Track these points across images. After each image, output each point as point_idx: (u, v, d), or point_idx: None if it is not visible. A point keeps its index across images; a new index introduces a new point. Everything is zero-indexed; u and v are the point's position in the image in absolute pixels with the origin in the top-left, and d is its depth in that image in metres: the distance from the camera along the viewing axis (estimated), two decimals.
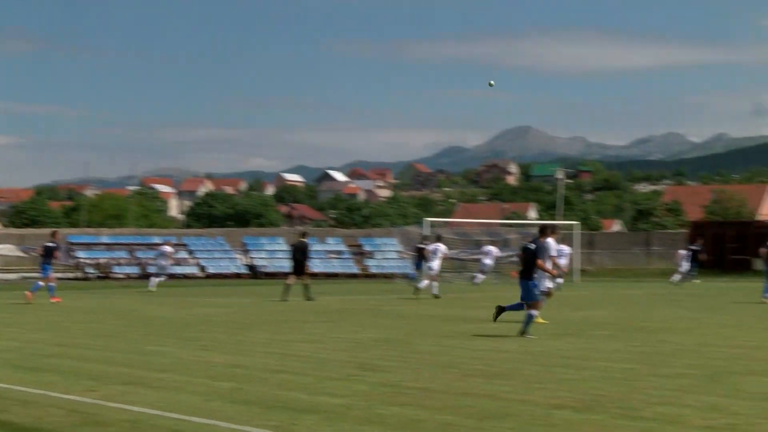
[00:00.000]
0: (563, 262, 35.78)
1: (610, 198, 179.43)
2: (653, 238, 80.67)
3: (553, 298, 22.78)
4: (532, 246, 17.85)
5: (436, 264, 33.09)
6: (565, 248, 33.17)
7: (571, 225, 57.12)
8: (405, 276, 50.02)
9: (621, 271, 61.11)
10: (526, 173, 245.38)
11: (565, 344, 15.72)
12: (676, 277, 44.92)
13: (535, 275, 17.85)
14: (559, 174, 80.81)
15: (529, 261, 17.67)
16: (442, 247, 33.95)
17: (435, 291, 31.66)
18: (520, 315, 17.83)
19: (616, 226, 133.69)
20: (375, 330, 18.60)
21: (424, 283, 32.46)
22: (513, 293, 19.35)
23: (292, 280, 30.09)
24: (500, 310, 19.03)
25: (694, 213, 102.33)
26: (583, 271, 53.07)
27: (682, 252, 46.95)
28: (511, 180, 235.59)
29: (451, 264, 53.09)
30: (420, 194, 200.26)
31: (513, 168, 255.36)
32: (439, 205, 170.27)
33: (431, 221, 55.03)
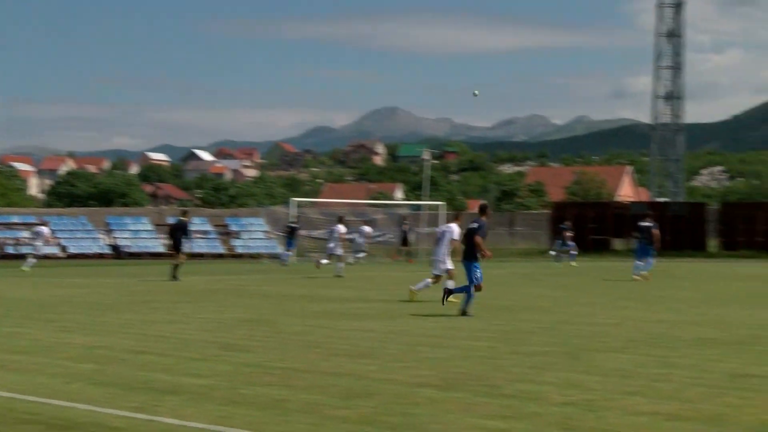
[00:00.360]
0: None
1: (476, 179, 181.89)
2: (517, 218, 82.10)
3: (420, 278, 22.94)
4: (475, 225, 17.90)
5: (335, 245, 33.64)
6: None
7: (437, 205, 57.68)
8: (272, 256, 49.86)
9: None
10: (393, 154, 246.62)
11: (429, 323, 15.88)
12: (554, 253, 46.61)
13: (478, 256, 17.91)
14: (426, 155, 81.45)
15: (471, 241, 17.79)
16: (341, 228, 34.35)
17: (339, 272, 32.11)
18: (399, 294, 17.94)
19: None
20: (240, 310, 18.47)
21: (324, 261, 33.11)
22: (383, 273, 19.54)
23: (180, 258, 30.21)
24: (447, 292, 18.81)
25: (556, 194, 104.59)
26: (404, 251, 53.61)
27: (568, 233, 48.32)
28: (378, 160, 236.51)
29: (318, 245, 53.07)
30: (287, 174, 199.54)
31: (380, 148, 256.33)
32: (306, 185, 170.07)
33: (298, 201, 54.94)
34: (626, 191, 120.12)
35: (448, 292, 18.63)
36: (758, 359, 11.30)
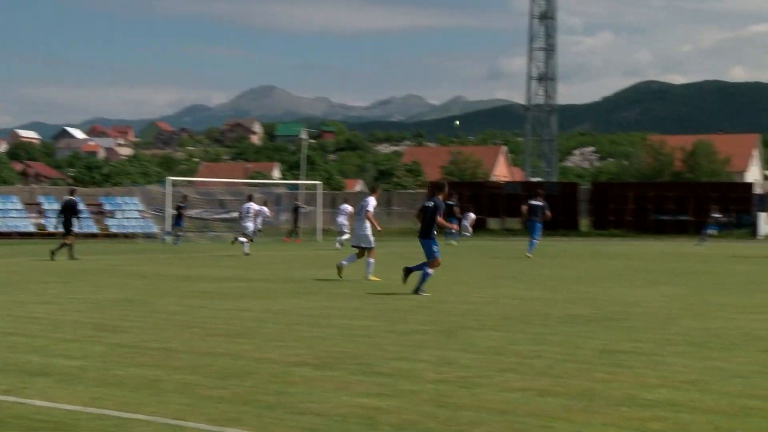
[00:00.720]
0: (341, 220, 38.08)
1: (353, 158, 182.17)
2: (394, 198, 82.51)
3: (296, 257, 22.94)
4: (430, 204, 18.06)
5: (250, 223, 34.10)
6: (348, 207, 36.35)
7: (315, 185, 57.63)
8: (147, 236, 49.17)
9: None
10: (270, 133, 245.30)
11: (307, 302, 15.88)
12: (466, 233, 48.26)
13: (435, 233, 18.05)
14: (303, 134, 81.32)
15: (428, 219, 17.93)
16: (253, 206, 34.95)
17: (246, 249, 32.52)
18: (277, 274, 17.87)
19: (359, 186, 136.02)
20: (114, 290, 18.18)
21: (242, 239, 33.64)
22: (264, 253, 19.30)
23: (70, 238, 29.94)
24: (407, 271, 18.58)
25: (432, 173, 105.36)
26: (326, 231, 53.66)
27: (470, 214, 49.61)
28: (255, 139, 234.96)
29: (194, 224, 52.55)
30: (162, 153, 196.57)
31: (257, 127, 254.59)
32: (182, 164, 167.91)
33: (174, 180, 54.22)
34: (501, 171, 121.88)
35: (408, 271, 18.49)
36: (626, 335, 11.61)
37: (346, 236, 42.19)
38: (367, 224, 21.33)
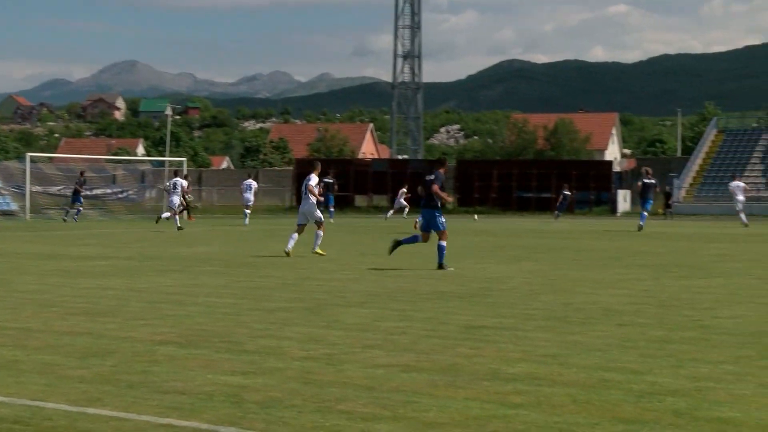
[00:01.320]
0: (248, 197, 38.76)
1: (219, 135, 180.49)
2: (261, 175, 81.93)
3: (161, 235, 22.64)
4: (432, 176, 18.87)
5: (176, 199, 36.02)
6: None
7: (180, 161, 56.90)
8: (5, 213, 47.82)
9: (229, 207, 61.72)
10: (133, 109, 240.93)
11: (171, 280, 15.69)
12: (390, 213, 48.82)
13: (438, 204, 19.09)
14: (168, 110, 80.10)
15: (429, 191, 18.80)
16: (181, 182, 36.82)
17: (178, 223, 34.53)
18: (139, 252, 17.58)
19: (225, 163, 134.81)
20: None
21: (166, 215, 35.88)
22: (126, 230, 18.99)
23: None
24: (396, 243, 19.09)
25: (299, 151, 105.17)
26: (192, 208, 53.03)
27: (402, 190, 50.48)
28: (119, 115, 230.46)
29: (54, 200, 51.37)
30: (21, 128, 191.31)
31: (120, 103, 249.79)
32: (41, 140, 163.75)
33: (33, 156, 52.84)
34: (368, 148, 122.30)
35: (397, 243, 19.17)
36: (489, 311, 11.81)
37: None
38: (313, 199, 22.03)
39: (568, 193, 54.66)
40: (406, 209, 50.82)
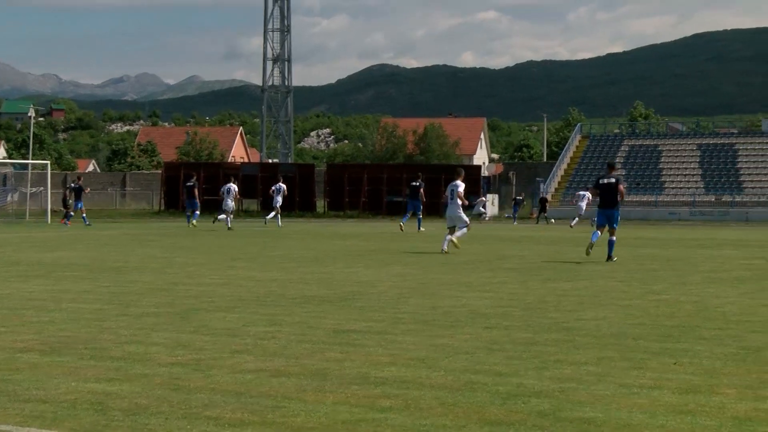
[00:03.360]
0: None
1: (85, 137, 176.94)
2: (129, 178, 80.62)
3: (25, 240, 22.07)
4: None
5: (230, 202, 41.69)
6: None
7: (44, 164, 55.58)
8: None
9: (96, 211, 60.49)
10: None
11: (34, 286, 15.31)
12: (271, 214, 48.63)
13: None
14: (31, 111, 78.12)
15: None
16: (234, 187, 41.66)
17: (229, 224, 39.24)
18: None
19: (91, 166, 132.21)
20: None
21: (222, 216, 40.27)
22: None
23: None
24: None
25: (168, 154, 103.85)
26: (55, 212, 51.87)
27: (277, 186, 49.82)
28: None
29: None
30: None
31: None
32: None
33: None
34: (238, 152, 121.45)
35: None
36: (359, 315, 11.85)
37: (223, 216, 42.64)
38: (459, 203, 25.41)
39: (521, 198, 55.21)
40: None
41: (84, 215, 45.13)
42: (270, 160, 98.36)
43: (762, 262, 22.42)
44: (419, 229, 38.85)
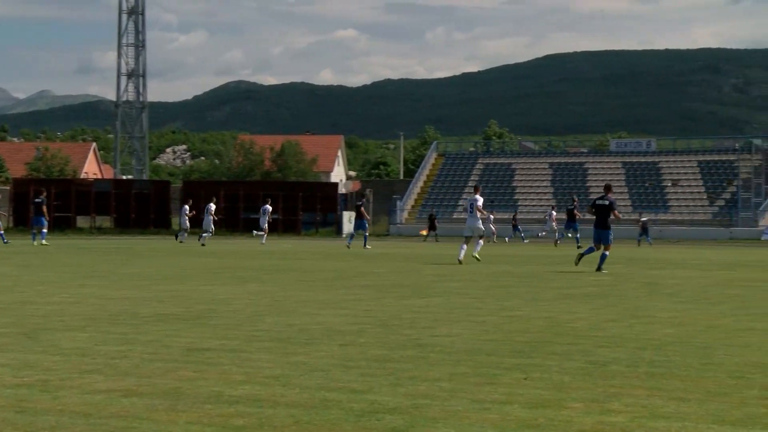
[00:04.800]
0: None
1: None
2: None
3: None
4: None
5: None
6: None
7: None
8: None
9: None
10: None
11: None
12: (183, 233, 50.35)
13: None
14: None
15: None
16: (268, 208, 45.29)
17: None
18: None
19: None
20: None
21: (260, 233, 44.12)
22: None
23: None
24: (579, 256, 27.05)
25: (17, 170, 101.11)
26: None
27: (186, 208, 50.25)
28: None
29: None
30: None
31: None
32: None
33: None
34: (91, 168, 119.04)
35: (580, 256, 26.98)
36: (213, 333, 11.72)
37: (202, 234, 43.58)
38: (479, 215, 29.35)
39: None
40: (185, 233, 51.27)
41: None
42: (124, 177, 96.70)
43: (610, 279, 23.08)
44: (365, 246, 41.84)
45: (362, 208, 43.86)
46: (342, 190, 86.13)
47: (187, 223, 51.08)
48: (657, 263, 32.01)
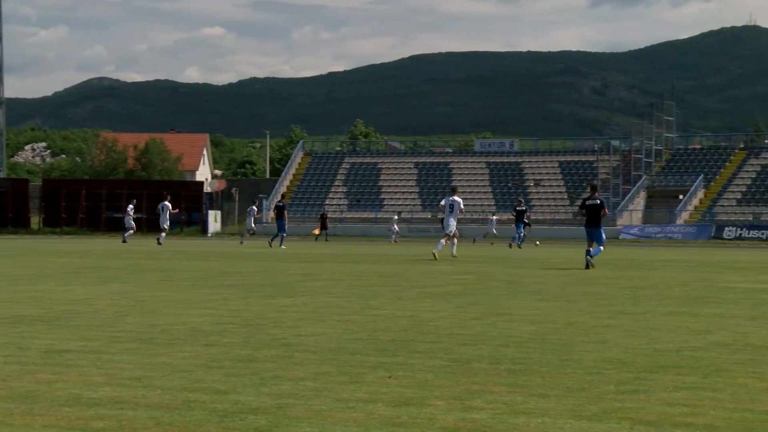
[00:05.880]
0: None
1: None
2: None
3: None
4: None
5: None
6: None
7: None
8: None
9: None
10: None
11: None
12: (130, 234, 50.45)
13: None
14: None
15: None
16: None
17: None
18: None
19: None
20: None
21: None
22: None
23: None
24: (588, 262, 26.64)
25: None
26: None
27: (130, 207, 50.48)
28: None
29: None
30: None
31: None
32: None
33: None
34: None
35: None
36: (73, 334, 11.47)
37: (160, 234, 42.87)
38: (456, 216, 33.59)
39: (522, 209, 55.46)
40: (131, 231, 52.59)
41: None
42: None
43: (473, 277, 23.41)
44: (281, 245, 43.67)
45: (284, 210, 46.21)
46: (207, 189, 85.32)
47: (132, 222, 52.29)
48: (519, 262, 32.62)
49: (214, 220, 71.60)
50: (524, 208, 52.87)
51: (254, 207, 53.92)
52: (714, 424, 6.76)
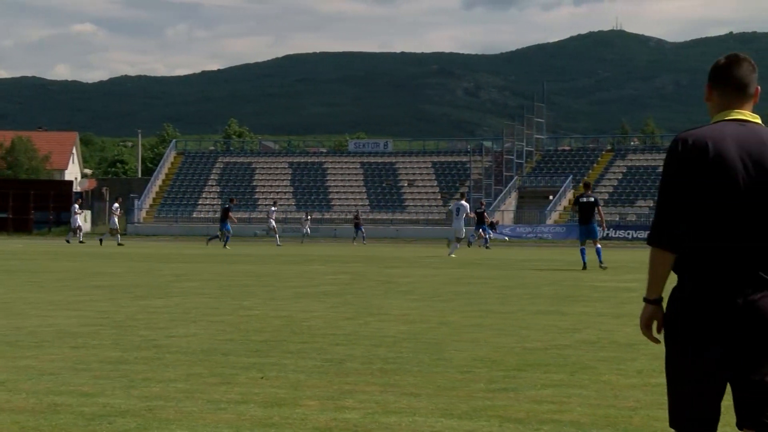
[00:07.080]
0: None
1: None
2: None
3: None
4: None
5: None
6: None
7: None
8: None
9: None
10: None
11: None
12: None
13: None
14: None
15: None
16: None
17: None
18: None
19: None
20: None
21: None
22: None
23: None
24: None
25: None
26: None
27: (76, 206, 49.65)
28: None
29: None
30: None
31: None
32: None
33: None
34: None
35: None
36: None
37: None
38: (464, 218, 35.56)
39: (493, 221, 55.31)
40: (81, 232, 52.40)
41: None
42: None
43: (346, 277, 23.47)
44: (225, 246, 44.14)
45: (230, 212, 46.48)
46: (77, 188, 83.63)
47: (79, 222, 52.59)
48: (392, 261, 32.81)
49: (83, 220, 70.24)
50: (483, 209, 53.26)
51: (117, 205, 52.93)
52: (580, 420, 6.92)
